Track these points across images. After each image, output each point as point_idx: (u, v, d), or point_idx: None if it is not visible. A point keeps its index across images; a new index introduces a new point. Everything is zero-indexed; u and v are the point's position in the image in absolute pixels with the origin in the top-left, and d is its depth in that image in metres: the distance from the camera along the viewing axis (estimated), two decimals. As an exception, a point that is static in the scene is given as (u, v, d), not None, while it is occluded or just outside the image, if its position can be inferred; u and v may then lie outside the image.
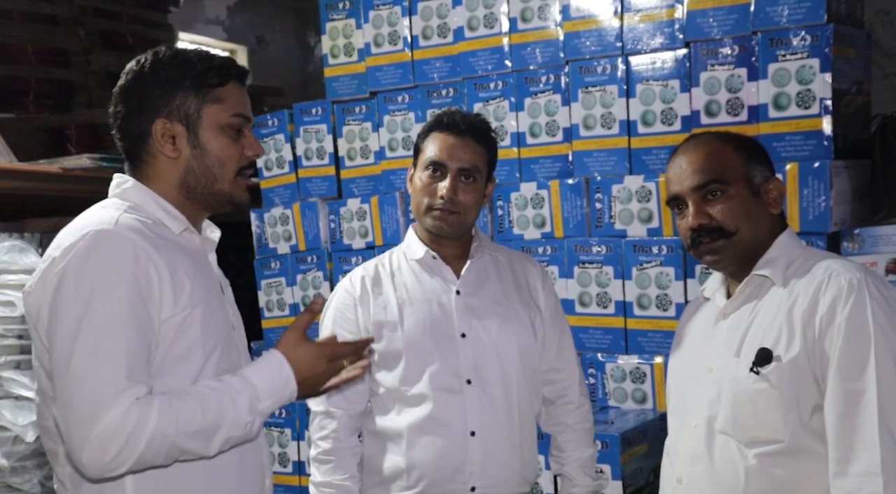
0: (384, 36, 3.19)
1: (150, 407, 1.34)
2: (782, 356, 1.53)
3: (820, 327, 1.51)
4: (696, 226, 1.64)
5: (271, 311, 3.47)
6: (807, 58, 2.47)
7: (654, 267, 2.70)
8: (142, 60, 1.54)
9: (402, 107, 3.15)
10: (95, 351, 1.34)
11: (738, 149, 1.66)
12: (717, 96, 2.61)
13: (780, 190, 1.66)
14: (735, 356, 1.59)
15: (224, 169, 1.54)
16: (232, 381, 1.45)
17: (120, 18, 4.07)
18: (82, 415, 1.32)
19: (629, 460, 2.49)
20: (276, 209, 3.43)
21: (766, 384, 1.54)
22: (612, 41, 2.78)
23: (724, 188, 1.63)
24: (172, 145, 1.52)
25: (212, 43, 5.69)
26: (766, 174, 1.66)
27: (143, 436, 1.32)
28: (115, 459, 1.32)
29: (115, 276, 1.37)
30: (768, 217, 1.65)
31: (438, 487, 1.90)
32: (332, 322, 1.99)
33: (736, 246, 1.64)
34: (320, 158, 3.34)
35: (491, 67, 3.00)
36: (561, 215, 2.86)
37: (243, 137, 1.57)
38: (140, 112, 1.52)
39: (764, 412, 1.54)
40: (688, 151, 1.69)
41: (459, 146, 1.94)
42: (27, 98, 3.69)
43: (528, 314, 2.02)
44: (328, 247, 3.32)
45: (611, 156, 2.79)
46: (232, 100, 1.55)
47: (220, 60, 1.56)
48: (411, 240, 2.02)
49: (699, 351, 1.72)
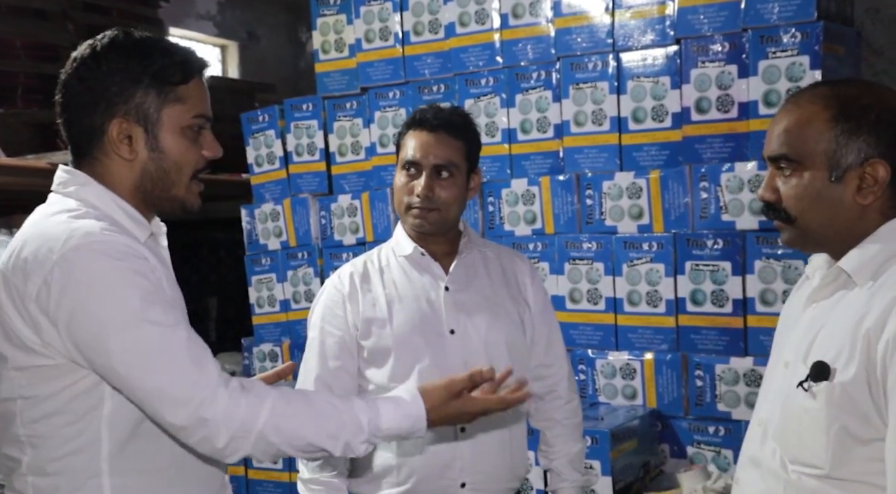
0: (375, 32, 3.19)
1: (263, 403, 1.34)
2: (838, 373, 1.32)
3: (884, 351, 1.27)
4: (762, 199, 1.46)
5: (262, 308, 3.46)
6: (797, 55, 2.47)
7: (645, 264, 2.70)
8: (96, 47, 1.41)
9: (393, 103, 3.14)
10: (161, 338, 1.31)
11: (837, 119, 1.37)
12: (707, 93, 2.62)
13: (877, 176, 1.36)
14: (803, 360, 1.39)
15: (181, 173, 1.45)
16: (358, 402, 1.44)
17: (109, 13, 4.05)
18: (187, 372, 1.31)
19: (619, 456, 2.50)
20: (267, 205, 3.43)
21: (814, 402, 1.34)
22: (604, 38, 2.79)
23: (797, 168, 1.39)
24: (129, 146, 1.41)
25: (202, 38, 5.67)
26: (867, 153, 1.35)
27: (252, 432, 1.33)
28: (228, 447, 1.33)
29: (135, 275, 1.32)
30: (854, 207, 1.37)
31: (429, 483, 1.89)
32: (321, 319, 1.97)
33: (798, 233, 1.43)
34: (311, 154, 3.34)
35: (482, 63, 3.00)
36: (552, 211, 2.86)
37: (202, 136, 1.48)
38: (94, 106, 1.40)
39: (807, 432, 1.36)
40: (787, 108, 1.44)
41: (433, 142, 1.92)
42: (16, 93, 3.67)
43: (517, 310, 2.02)
44: (319, 243, 3.31)
45: (601, 152, 2.80)
46: (194, 100, 1.45)
47: (182, 54, 1.45)
48: (400, 237, 2.02)
49: (784, 338, 1.52)
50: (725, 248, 2.59)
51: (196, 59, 1.47)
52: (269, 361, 3.42)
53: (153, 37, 1.45)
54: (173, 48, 1.45)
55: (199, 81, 1.47)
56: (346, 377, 1.92)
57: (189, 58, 1.45)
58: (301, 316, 3.26)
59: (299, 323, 3.30)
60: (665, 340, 2.70)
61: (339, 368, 1.92)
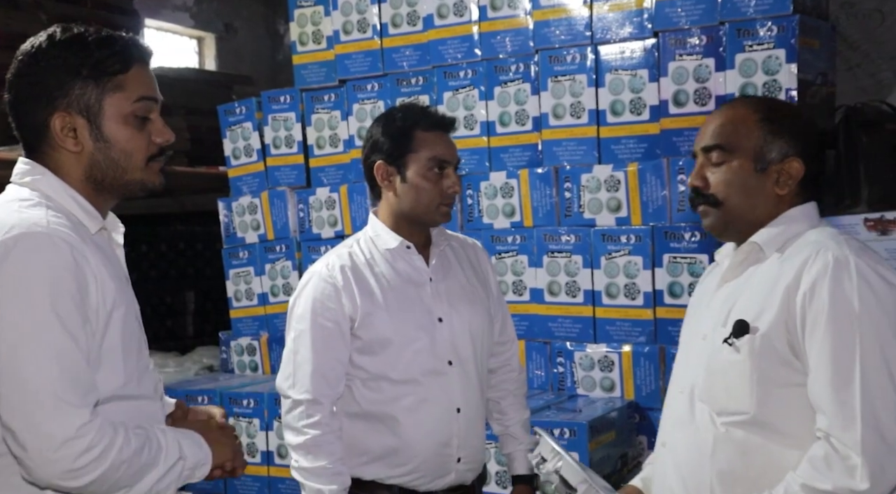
0: (353, 23, 3.17)
1: (115, 429, 1.35)
2: (759, 329, 1.52)
3: (802, 304, 1.48)
4: (692, 186, 1.65)
5: (240, 301, 3.44)
6: (773, 48, 2.49)
7: (623, 256, 2.72)
8: (35, 43, 1.42)
9: (372, 96, 3.13)
10: (49, 358, 1.30)
11: (765, 120, 1.61)
12: (685, 86, 2.63)
13: (794, 172, 1.60)
14: (722, 325, 1.59)
15: (131, 159, 1.45)
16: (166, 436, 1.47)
17: (83, 3, 3.99)
18: (43, 419, 1.29)
19: (597, 448, 2.51)
20: (245, 198, 3.40)
21: (738, 355, 1.54)
22: (582, 30, 2.79)
23: (727, 157, 1.60)
24: (74, 139, 1.42)
25: (178, 30, 5.61)
26: (787, 151, 1.60)
27: (110, 454, 1.32)
28: (84, 468, 1.30)
29: (61, 279, 1.32)
30: (772, 195, 1.61)
31: (430, 462, 2.01)
32: (311, 311, 1.99)
33: (722, 216, 1.62)
34: (289, 147, 3.31)
35: (461, 56, 3.00)
36: (530, 204, 2.87)
37: (150, 123, 1.47)
38: (36, 101, 1.42)
39: (733, 383, 1.55)
40: (722, 109, 1.68)
41: (450, 141, 2.06)
42: (-12, 84, 3.61)
43: (486, 296, 2.15)
44: (297, 236, 3.29)
45: (580, 145, 2.80)
46: (135, 86, 1.45)
47: (121, 43, 1.44)
48: (380, 230, 2.06)
49: (699, 316, 1.71)
50: (703, 241, 2.60)
51: (136, 48, 1.46)
52: (247, 355, 3.40)
53: (92, 29, 1.45)
54: (111, 39, 1.45)
55: (140, 68, 1.46)
56: (339, 367, 2.00)
57: (128, 47, 1.45)
58: (280, 310, 3.25)
59: (277, 317, 3.28)
60: (643, 332, 2.72)
61: (334, 359, 1.98)
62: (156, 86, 1.49)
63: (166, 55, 5.50)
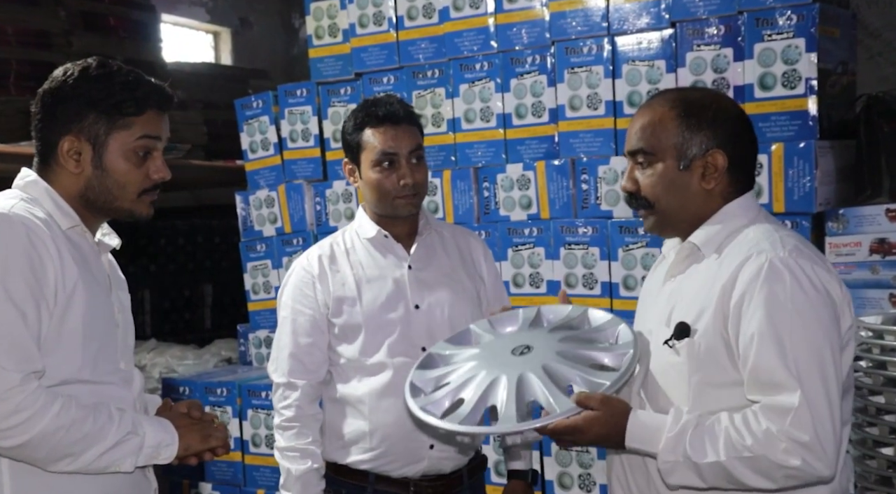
0: (369, 16, 3.17)
1: (55, 397, 1.44)
2: (698, 332, 1.54)
3: (735, 306, 1.49)
4: (623, 190, 1.69)
5: (257, 294, 3.46)
6: (792, 37, 2.47)
7: (641, 248, 2.70)
8: (69, 71, 1.59)
9: (388, 89, 3.13)
10: None
11: (682, 116, 1.60)
12: (702, 76, 2.61)
13: (717, 164, 1.59)
14: (665, 325, 1.60)
15: (125, 191, 1.60)
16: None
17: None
18: None
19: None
20: (262, 191, 3.42)
21: (678, 357, 1.56)
22: (598, 21, 2.77)
23: (652, 159, 1.62)
24: (77, 162, 1.58)
25: (194, 24, 5.64)
26: (707, 145, 1.59)
27: (42, 419, 1.42)
28: (10, 429, 1.40)
29: (12, 256, 1.44)
30: (701, 191, 1.61)
31: (400, 446, 2.04)
32: (292, 299, 2.10)
33: (658, 218, 1.65)
34: (305, 140, 3.32)
35: (476, 48, 2.99)
36: (547, 196, 2.86)
37: (150, 160, 1.61)
38: (54, 121, 1.58)
39: (672, 384, 1.58)
40: (641, 110, 1.67)
41: (403, 133, 2.06)
42: (8, 80, 3.65)
43: (473, 285, 2.18)
44: (314, 229, 3.31)
45: (597, 137, 2.79)
46: (143, 126, 1.59)
47: (144, 90, 1.59)
48: (362, 220, 2.14)
49: (646, 311, 1.75)
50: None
51: (157, 95, 1.61)
52: (264, 347, 3.42)
53: (126, 69, 1.61)
54: (136, 84, 1.60)
55: (154, 114, 1.61)
56: (317, 353, 2.08)
57: (149, 94, 1.60)
58: (297, 303, 3.26)
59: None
60: (661, 324, 2.70)
61: (311, 345, 2.07)
62: (165, 127, 1.64)
63: (183, 50, 5.53)
